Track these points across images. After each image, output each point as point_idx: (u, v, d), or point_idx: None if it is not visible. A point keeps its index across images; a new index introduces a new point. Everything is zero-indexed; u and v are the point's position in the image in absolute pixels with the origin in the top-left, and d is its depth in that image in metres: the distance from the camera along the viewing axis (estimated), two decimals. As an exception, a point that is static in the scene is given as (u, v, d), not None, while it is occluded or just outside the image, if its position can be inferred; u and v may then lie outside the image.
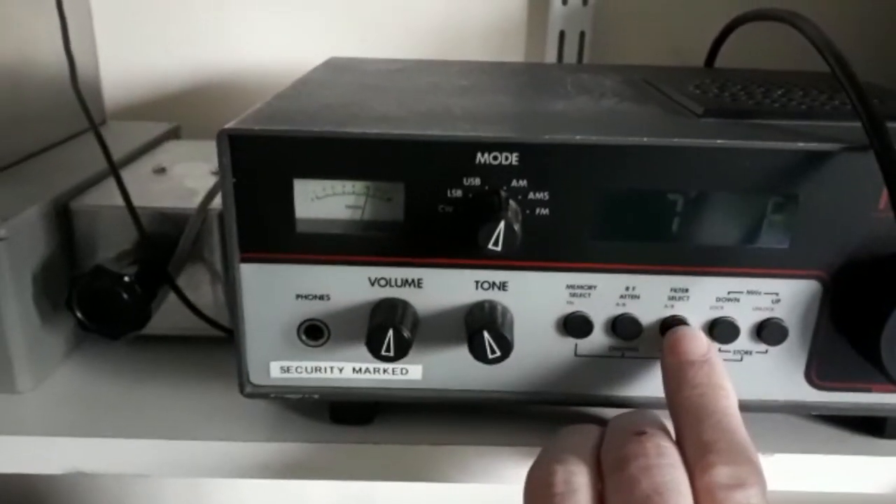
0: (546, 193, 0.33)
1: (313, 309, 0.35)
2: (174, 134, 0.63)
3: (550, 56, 0.65)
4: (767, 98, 0.40)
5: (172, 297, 0.42)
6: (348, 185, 0.33)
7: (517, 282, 0.34)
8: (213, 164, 0.33)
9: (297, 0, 0.66)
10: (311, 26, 0.67)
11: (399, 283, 0.35)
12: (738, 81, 0.46)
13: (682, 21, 0.66)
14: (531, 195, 0.33)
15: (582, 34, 0.64)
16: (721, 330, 0.35)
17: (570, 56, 0.65)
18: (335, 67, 0.51)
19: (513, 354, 0.33)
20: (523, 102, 0.42)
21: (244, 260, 0.34)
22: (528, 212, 0.33)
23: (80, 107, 0.42)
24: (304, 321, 0.35)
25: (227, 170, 0.32)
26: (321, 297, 0.35)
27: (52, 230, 0.42)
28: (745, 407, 0.32)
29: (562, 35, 0.64)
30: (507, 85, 0.47)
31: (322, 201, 0.33)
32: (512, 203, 0.32)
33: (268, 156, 0.32)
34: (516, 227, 0.31)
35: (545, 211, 0.33)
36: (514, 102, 0.42)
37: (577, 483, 0.29)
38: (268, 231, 0.34)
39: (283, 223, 0.34)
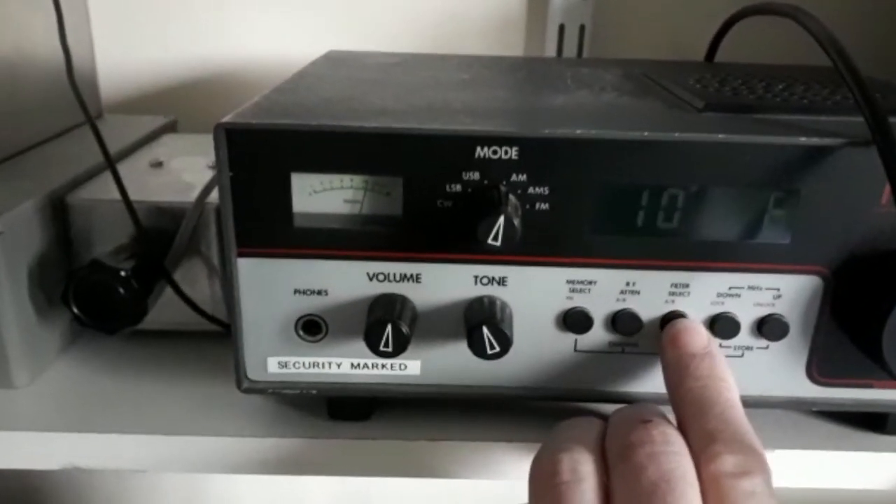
0: (546, 188, 0.33)
1: (311, 304, 0.35)
2: (171, 127, 0.63)
3: (550, 50, 0.65)
4: (769, 92, 0.40)
5: (169, 291, 0.42)
6: (346, 180, 0.33)
7: (517, 277, 0.34)
8: (211, 157, 0.32)
9: (295, -7, 0.66)
10: (310, 19, 0.67)
11: (398, 278, 0.34)
12: (739, 76, 0.46)
13: (682, 15, 0.66)
14: (531, 190, 0.33)
15: (582, 28, 0.64)
16: (722, 325, 0.35)
17: (570, 50, 0.65)
18: (334, 61, 0.51)
19: (512, 350, 0.33)
20: (523, 96, 0.42)
21: (241, 255, 0.34)
22: (527, 206, 0.33)
23: (76, 100, 0.42)
24: (302, 316, 0.35)
25: (224, 164, 0.32)
26: (319, 293, 0.35)
27: (48, 224, 0.42)
28: (745, 403, 0.31)
29: (561, 29, 0.64)
30: (506, 79, 0.47)
31: (320, 196, 0.33)
32: (511, 198, 0.32)
33: (265, 150, 0.32)
34: (516, 221, 0.31)
35: (545, 205, 0.33)
36: (513, 96, 0.42)
37: (584, 471, 0.29)
38: (265, 226, 0.33)
39: (280, 218, 0.33)
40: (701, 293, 0.34)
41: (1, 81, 0.48)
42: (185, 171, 0.48)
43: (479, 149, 0.32)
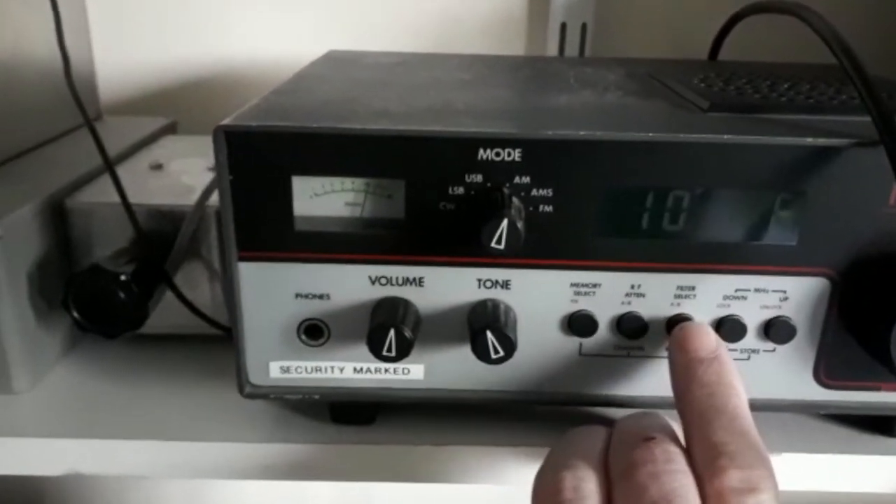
0: (550, 190, 0.32)
1: (313, 308, 0.35)
2: (171, 129, 0.62)
3: (552, 49, 0.64)
4: (774, 92, 0.40)
5: (170, 295, 0.41)
6: (348, 183, 0.32)
7: (520, 280, 0.34)
8: (211, 159, 0.32)
9: (295, -8, 0.65)
10: (311, 19, 0.66)
11: (400, 281, 0.34)
12: (743, 74, 0.45)
13: (685, 12, 0.66)
14: (534, 192, 0.32)
15: (584, 26, 0.64)
16: (728, 328, 0.34)
17: (572, 48, 0.64)
18: (334, 61, 0.50)
19: (516, 354, 0.33)
20: (526, 97, 0.42)
21: (242, 259, 0.34)
22: (531, 209, 0.32)
23: (74, 102, 0.41)
24: (304, 321, 0.35)
25: (224, 167, 0.32)
26: (321, 297, 0.34)
27: (48, 228, 0.41)
28: (752, 406, 0.31)
29: (563, 27, 0.64)
30: (508, 79, 0.47)
31: (321, 199, 0.33)
32: (515, 200, 0.32)
33: (265, 153, 0.32)
34: (519, 224, 0.30)
35: (549, 208, 0.32)
36: (516, 97, 0.41)
37: (586, 490, 0.29)
38: (266, 229, 0.33)
39: (281, 221, 0.33)
40: (707, 296, 0.34)
41: (-1, 83, 0.48)
42: (185, 174, 0.48)
43: (481, 151, 0.32)
